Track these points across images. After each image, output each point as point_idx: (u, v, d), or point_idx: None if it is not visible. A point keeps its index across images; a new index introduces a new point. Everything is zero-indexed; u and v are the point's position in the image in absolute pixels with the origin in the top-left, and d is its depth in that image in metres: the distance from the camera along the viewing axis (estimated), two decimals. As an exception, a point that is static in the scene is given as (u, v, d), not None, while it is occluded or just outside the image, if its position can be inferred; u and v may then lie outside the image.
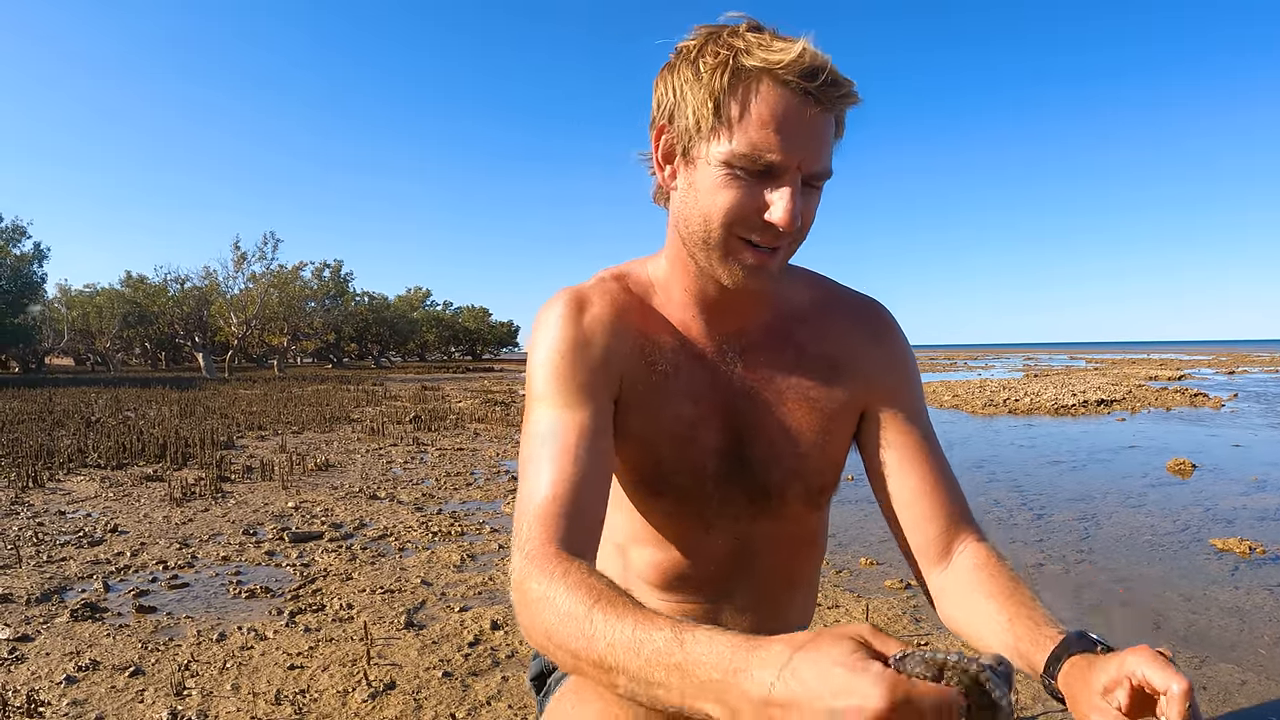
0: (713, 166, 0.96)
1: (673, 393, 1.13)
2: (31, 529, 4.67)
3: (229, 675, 2.69)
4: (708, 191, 0.97)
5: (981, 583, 1.02)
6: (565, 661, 0.82)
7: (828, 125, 0.95)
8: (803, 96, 0.91)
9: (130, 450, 7.72)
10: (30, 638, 2.98)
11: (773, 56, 0.90)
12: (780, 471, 1.15)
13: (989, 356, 61.67)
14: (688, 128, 0.97)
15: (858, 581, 3.80)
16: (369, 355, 58.21)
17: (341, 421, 11.55)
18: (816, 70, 0.91)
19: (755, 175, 0.94)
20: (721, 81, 0.93)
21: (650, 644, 0.73)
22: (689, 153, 0.99)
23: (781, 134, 0.92)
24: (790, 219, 0.93)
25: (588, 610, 0.80)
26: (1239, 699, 2.54)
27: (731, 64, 0.92)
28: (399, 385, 23.48)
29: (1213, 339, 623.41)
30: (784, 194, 0.94)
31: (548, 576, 0.87)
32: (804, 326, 1.18)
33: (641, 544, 1.22)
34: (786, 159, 0.92)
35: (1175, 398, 14.03)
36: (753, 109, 0.92)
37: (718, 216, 0.97)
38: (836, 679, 0.58)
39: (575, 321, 1.10)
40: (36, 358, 36.19)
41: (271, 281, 37.00)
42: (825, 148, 0.95)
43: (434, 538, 4.66)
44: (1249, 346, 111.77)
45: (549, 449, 1.01)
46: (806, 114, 0.92)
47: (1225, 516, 4.98)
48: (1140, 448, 8.19)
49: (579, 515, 0.96)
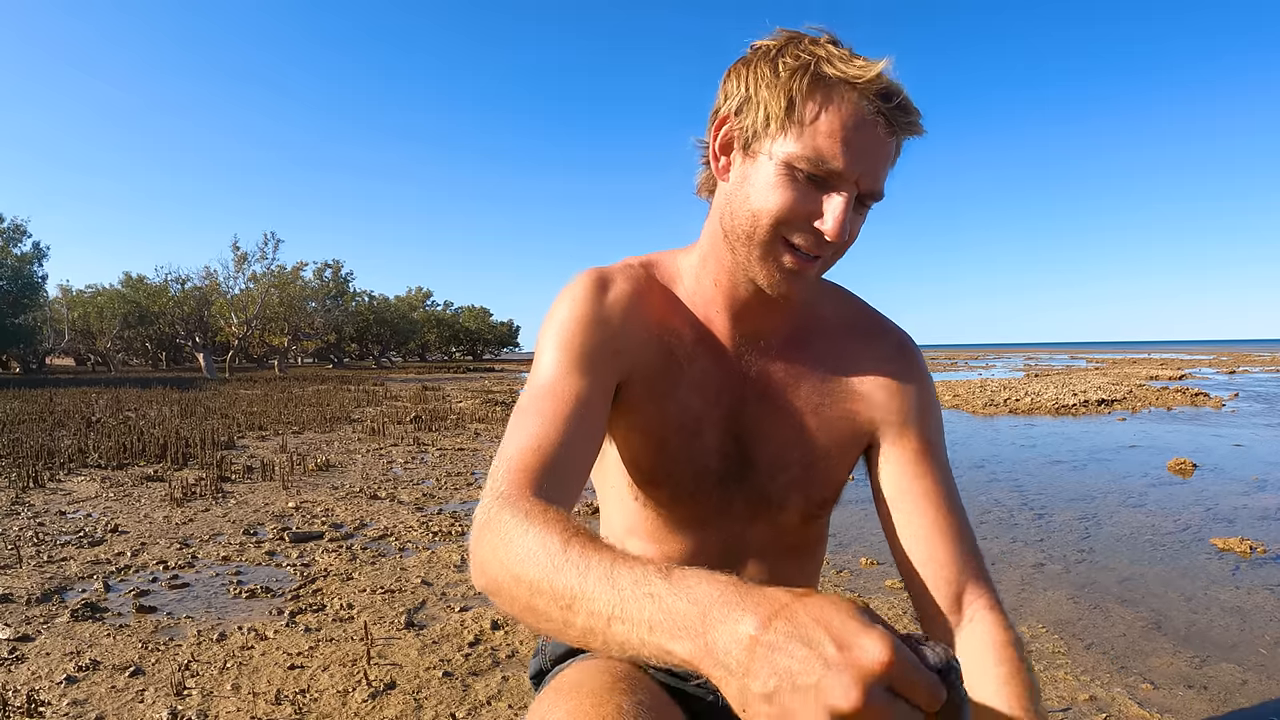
0: (773, 163, 0.96)
1: (685, 384, 1.12)
2: (32, 529, 4.67)
3: (229, 675, 2.69)
4: (763, 188, 0.97)
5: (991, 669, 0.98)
6: (519, 597, 0.76)
7: (890, 148, 0.96)
8: (875, 115, 0.92)
9: (131, 450, 7.72)
10: (30, 638, 2.98)
11: (853, 71, 0.91)
12: (782, 480, 1.15)
13: (990, 356, 61.66)
14: (755, 122, 0.97)
15: (858, 582, 3.80)
16: (370, 355, 58.25)
17: (342, 422, 11.55)
18: (892, 93, 0.92)
19: (813, 181, 0.95)
20: (800, 84, 0.93)
21: (629, 575, 0.67)
22: (750, 146, 0.99)
23: (848, 146, 0.92)
24: (839, 230, 0.94)
25: (562, 543, 0.74)
26: (1239, 699, 2.54)
27: (812, 69, 0.93)
28: (400, 385, 23.48)
29: (1214, 338, 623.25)
30: (838, 204, 0.94)
31: (523, 513, 0.81)
32: (825, 341, 1.17)
33: (639, 540, 1.22)
34: (848, 171, 0.93)
35: (1176, 397, 14.03)
36: (825, 116, 0.92)
37: (768, 214, 0.97)
38: (839, 629, 0.55)
39: (595, 299, 1.10)
40: (37, 358, 36.20)
41: (272, 282, 37.02)
42: (884, 169, 0.96)
43: (434, 538, 4.66)
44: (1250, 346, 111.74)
45: (542, 405, 1.00)
46: (875, 132, 0.93)
47: (1226, 516, 4.98)
48: (1141, 447, 8.18)
49: (560, 472, 0.93)
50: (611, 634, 0.66)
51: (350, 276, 46.57)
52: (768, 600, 0.60)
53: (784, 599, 0.59)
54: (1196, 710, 2.47)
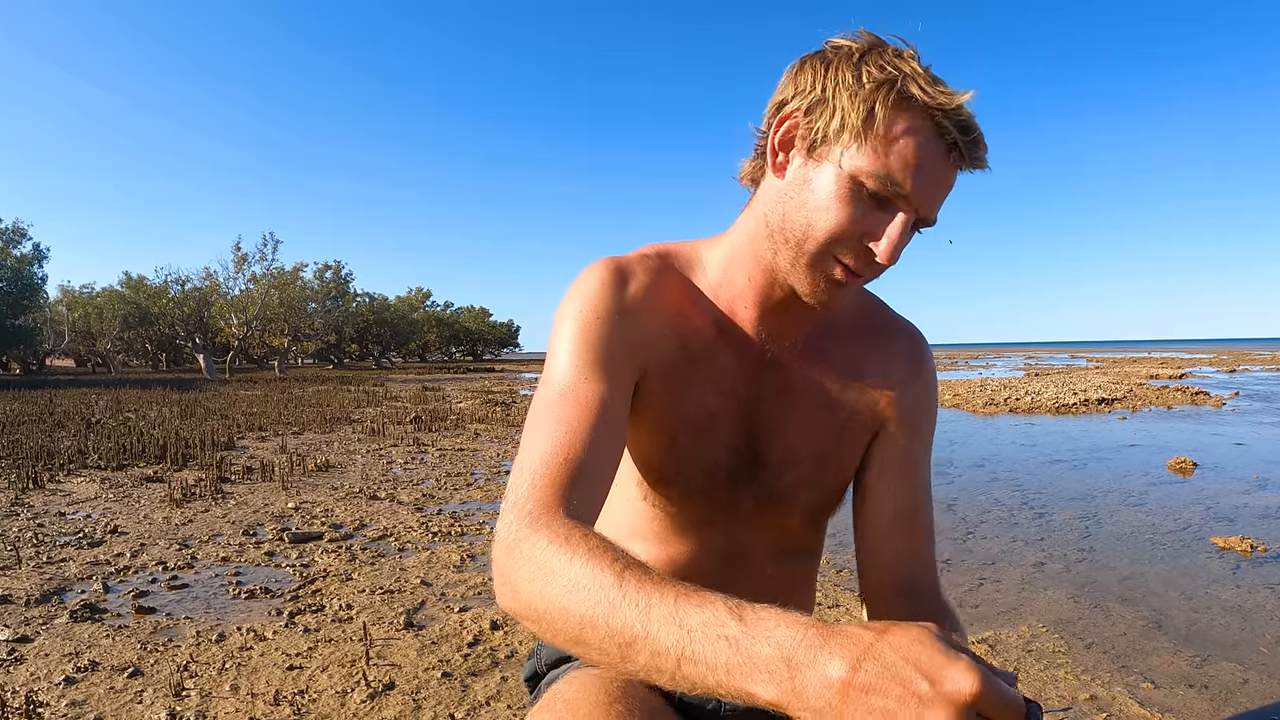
0: (839, 173, 0.93)
1: (700, 379, 1.10)
2: (31, 530, 4.67)
3: (228, 676, 2.68)
4: (824, 197, 0.95)
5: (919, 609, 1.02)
6: (565, 629, 0.74)
7: (952, 181, 0.95)
8: (950, 146, 0.91)
9: (130, 451, 7.72)
10: (29, 639, 2.97)
11: (939, 99, 0.89)
12: (791, 478, 1.14)
13: (990, 355, 61.68)
14: (827, 126, 0.94)
15: (857, 582, 3.79)
16: (370, 356, 58.28)
17: (342, 422, 11.55)
18: (970, 127, 0.91)
19: (874, 199, 0.93)
20: (884, 99, 0.90)
21: (698, 615, 0.66)
22: (816, 150, 0.96)
23: (919, 171, 0.91)
24: (892, 254, 0.93)
25: (616, 578, 0.72)
26: (1240, 698, 2.53)
27: (899, 86, 0.90)
28: (399, 386, 23.49)
29: (1214, 337, 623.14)
30: (895, 228, 0.93)
31: (560, 539, 0.79)
32: (843, 340, 1.16)
33: (643, 540, 1.21)
34: (914, 196, 0.92)
35: (1176, 396, 14.03)
36: (903, 138, 0.90)
37: (825, 228, 0.95)
38: (928, 663, 0.56)
39: (614, 292, 1.06)
40: (37, 359, 36.21)
41: (272, 282, 37.03)
42: (942, 199, 0.96)
43: (434, 538, 4.65)
44: (1250, 345, 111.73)
45: (563, 410, 0.96)
46: (946, 162, 0.92)
47: (1227, 515, 4.97)
48: (1141, 446, 8.18)
49: (587, 485, 0.91)
50: (682, 674, 0.66)
51: (350, 277, 46.62)
52: (853, 641, 0.60)
53: (868, 638, 0.59)
54: (1197, 709, 2.46)
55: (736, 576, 1.20)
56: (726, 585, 1.20)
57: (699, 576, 1.20)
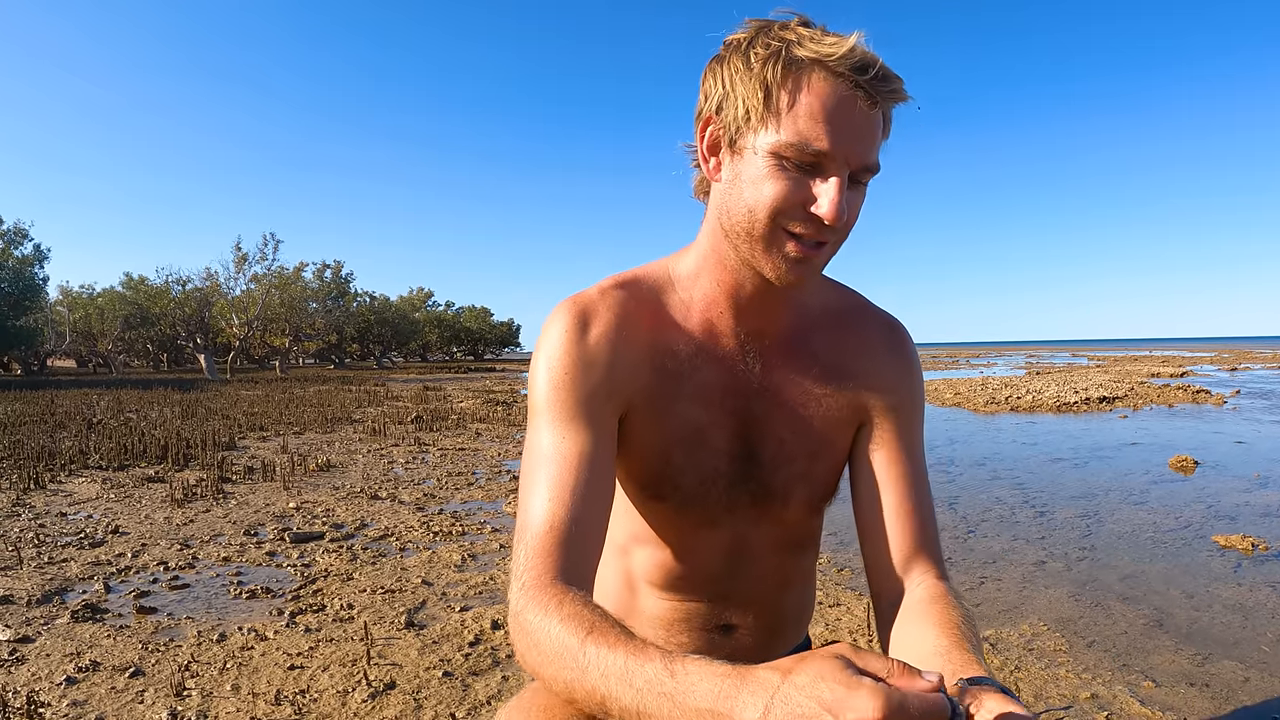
0: (760, 156, 0.94)
1: (683, 396, 1.11)
2: (33, 530, 4.67)
3: (229, 676, 2.68)
4: (754, 182, 0.96)
5: (931, 614, 1.00)
6: (560, 691, 0.84)
7: (876, 121, 0.94)
8: (853, 89, 0.91)
9: (132, 452, 7.73)
10: (31, 639, 2.98)
11: (825, 49, 0.90)
12: (786, 474, 1.15)
13: (991, 354, 61.66)
14: (736, 118, 0.96)
15: (859, 580, 3.79)
16: (371, 356, 58.29)
17: (343, 422, 11.56)
18: (868, 64, 0.90)
19: (803, 167, 0.93)
20: (773, 72, 0.92)
21: (642, 674, 0.75)
22: (736, 143, 0.97)
23: (831, 125, 0.91)
24: (836, 212, 0.92)
25: (580, 642, 0.81)
26: (1241, 696, 2.53)
27: (784, 55, 0.91)
28: (401, 385, 23.49)
29: (1215, 336, 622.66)
30: (830, 187, 0.92)
31: (543, 609, 0.88)
32: (822, 333, 1.17)
33: (644, 544, 1.22)
34: (835, 151, 0.91)
35: (1177, 394, 14.03)
36: (803, 100, 0.91)
37: (764, 207, 0.95)
38: (829, 697, 0.60)
39: (579, 339, 1.07)
40: (38, 360, 36.23)
41: (273, 282, 37.05)
42: (873, 142, 0.94)
43: (435, 538, 4.65)
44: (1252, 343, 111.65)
45: (547, 472, 1.00)
46: (857, 107, 0.91)
47: (1228, 513, 4.97)
48: (1142, 445, 8.18)
49: (577, 544, 0.95)
50: None
51: (351, 277, 46.62)
52: (762, 686, 0.65)
53: (775, 681, 0.65)
54: (1198, 708, 2.46)
55: (743, 570, 1.21)
56: (735, 579, 1.22)
57: (707, 573, 1.21)
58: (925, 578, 1.08)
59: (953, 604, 1.02)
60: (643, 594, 1.25)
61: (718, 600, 1.22)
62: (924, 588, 1.06)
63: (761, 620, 1.26)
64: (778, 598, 1.27)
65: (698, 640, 1.24)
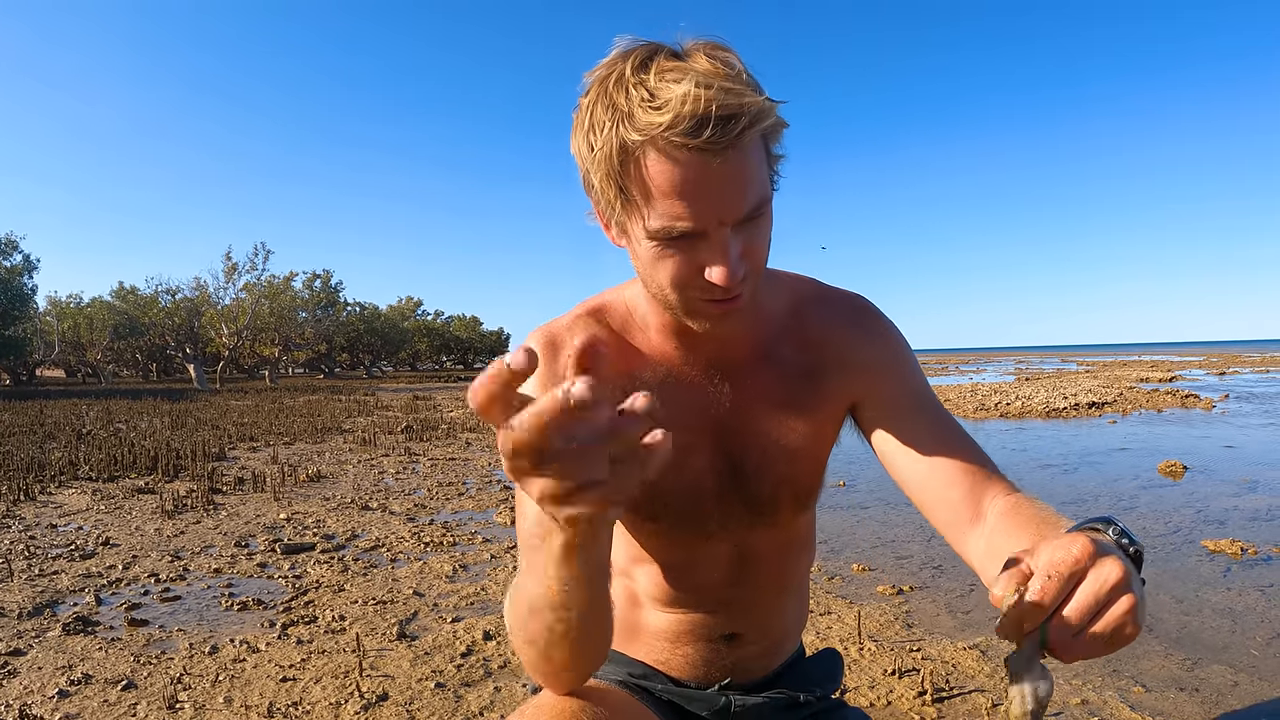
0: (642, 243, 0.93)
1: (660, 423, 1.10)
2: (23, 542, 4.65)
3: (221, 688, 2.68)
4: (648, 264, 0.95)
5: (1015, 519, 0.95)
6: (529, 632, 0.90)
7: (738, 165, 0.87)
8: (694, 154, 0.84)
9: (122, 463, 7.70)
10: (22, 652, 2.96)
11: (654, 119, 0.83)
12: (772, 479, 1.15)
13: (980, 360, 61.78)
14: (607, 209, 0.94)
15: (850, 588, 3.80)
16: (360, 365, 58.14)
17: (333, 432, 11.53)
18: (701, 121, 0.82)
19: (683, 241, 0.91)
20: (614, 165, 0.88)
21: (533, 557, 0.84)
22: (620, 227, 0.96)
23: (686, 200, 0.87)
24: (729, 278, 0.90)
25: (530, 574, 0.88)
26: (1231, 700, 2.55)
27: (616, 143, 0.86)
28: (391, 395, 23.45)
29: (1204, 340, 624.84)
30: (715, 254, 0.90)
31: None
32: (786, 335, 1.16)
33: (645, 564, 1.23)
34: (700, 223, 0.88)
35: (1166, 399, 14.08)
36: (652, 185, 0.87)
37: (665, 285, 0.95)
38: None
39: (550, 364, 1.08)
40: (27, 370, 36.06)
41: (263, 292, 36.97)
42: (742, 190, 0.88)
43: (426, 548, 4.65)
44: (1240, 347, 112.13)
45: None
46: (707, 169, 0.85)
47: (1217, 518, 4.99)
48: (1132, 450, 8.21)
49: None
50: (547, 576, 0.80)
51: (340, 286, 46.54)
52: None
53: None
54: (1188, 713, 2.47)
55: (744, 578, 1.22)
56: (736, 587, 1.23)
57: (710, 585, 1.22)
58: (998, 497, 1.04)
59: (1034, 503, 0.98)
60: (646, 610, 1.26)
61: (720, 610, 1.23)
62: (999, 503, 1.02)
63: (763, 627, 1.27)
64: (777, 603, 1.28)
65: (702, 651, 1.25)
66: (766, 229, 0.95)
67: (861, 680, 2.74)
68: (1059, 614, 0.64)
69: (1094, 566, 0.64)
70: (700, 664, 1.26)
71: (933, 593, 3.69)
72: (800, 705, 1.28)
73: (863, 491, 6.12)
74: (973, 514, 1.03)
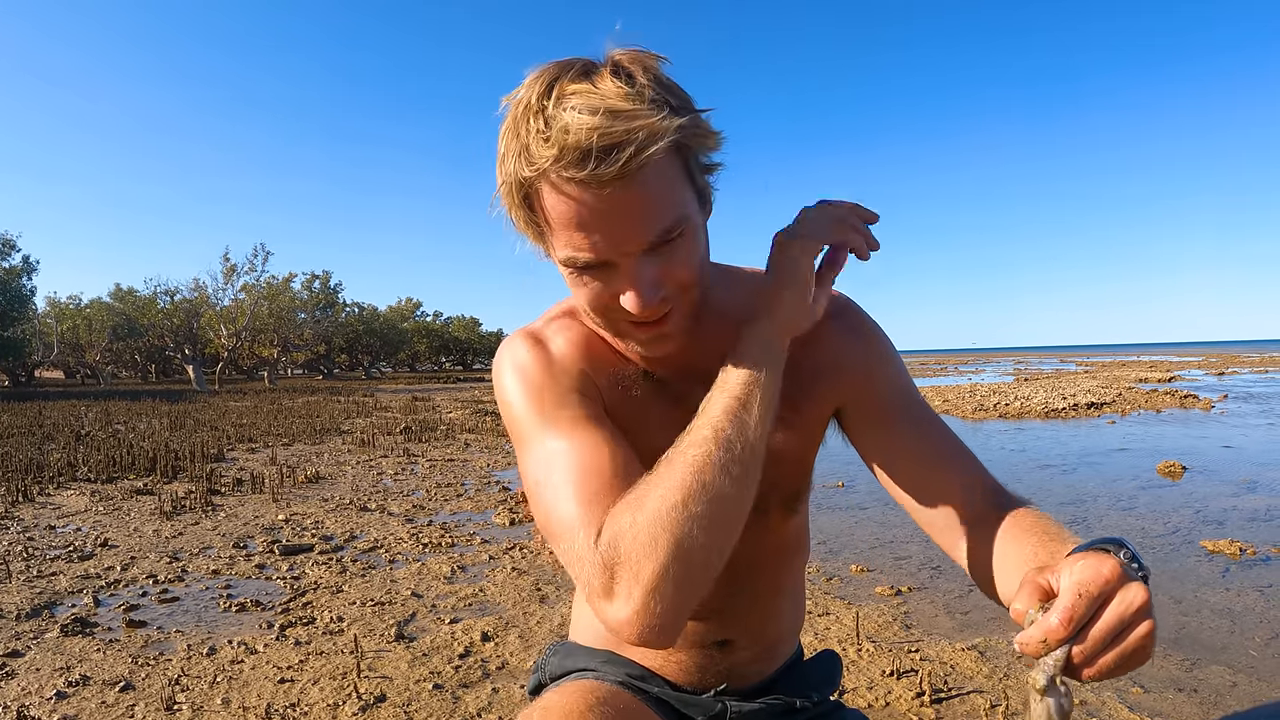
0: (560, 268, 0.92)
1: (650, 421, 1.08)
2: (21, 543, 4.64)
3: (219, 689, 2.67)
4: (570, 287, 0.94)
5: (1018, 528, 0.95)
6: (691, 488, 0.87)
7: (635, 192, 0.83)
8: (582, 188, 0.82)
9: (120, 464, 7.70)
10: (20, 653, 2.96)
11: (544, 153, 0.80)
12: (761, 484, 1.15)
13: (979, 361, 61.81)
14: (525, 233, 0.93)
15: (848, 589, 3.80)
16: (359, 366, 58.13)
17: (332, 433, 11.53)
18: (584, 155, 0.79)
19: (593, 270, 0.89)
20: (517, 198, 0.88)
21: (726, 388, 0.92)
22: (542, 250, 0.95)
23: (584, 232, 0.85)
24: (641, 306, 0.89)
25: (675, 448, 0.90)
26: (1230, 701, 2.55)
27: (515, 178, 0.85)
28: (389, 396, 23.45)
29: (1203, 340, 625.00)
30: (624, 282, 0.89)
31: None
32: None
33: None
34: (601, 254, 0.86)
35: (1165, 400, 14.09)
36: (552, 218, 0.86)
37: (587, 309, 0.95)
38: None
39: (539, 351, 1.06)
40: (26, 371, 36.04)
41: (262, 293, 36.96)
42: (642, 218, 0.85)
43: (424, 549, 4.65)
44: (1239, 347, 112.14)
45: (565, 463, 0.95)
46: (600, 201, 0.82)
47: (1216, 518, 4.99)
48: (1131, 450, 8.21)
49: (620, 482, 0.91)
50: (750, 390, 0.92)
51: (339, 287, 46.58)
52: None
53: None
54: (1187, 713, 2.47)
55: (738, 584, 1.20)
56: (731, 594, 1.22)
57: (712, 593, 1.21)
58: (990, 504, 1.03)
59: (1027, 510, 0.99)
60: None
61: (712, 617, 1.22)
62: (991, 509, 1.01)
63: (756, 633, 1.26)
64: (770, 608, 1.27)
65: (695, 657, 1.24)
66: (689, 247, 0.91)
67: (860, 681, 2.73)
68: (1084, 633, 0.65)
69: (1121, 589, 0.65)
70: (694, 670, 1.24)
71: (931, 594, 3.69)
72: (797, 711, 1.28)
73: (861, 492, 6.12)
74: (961, 515, 1.04)
